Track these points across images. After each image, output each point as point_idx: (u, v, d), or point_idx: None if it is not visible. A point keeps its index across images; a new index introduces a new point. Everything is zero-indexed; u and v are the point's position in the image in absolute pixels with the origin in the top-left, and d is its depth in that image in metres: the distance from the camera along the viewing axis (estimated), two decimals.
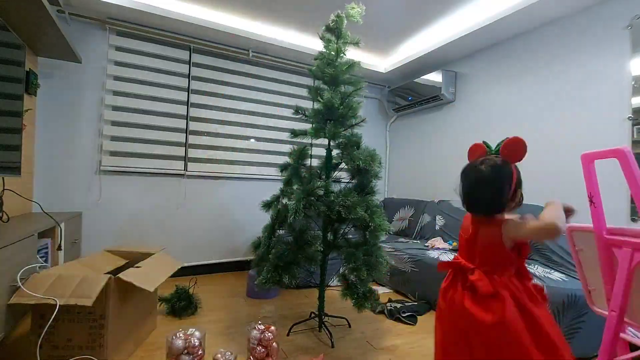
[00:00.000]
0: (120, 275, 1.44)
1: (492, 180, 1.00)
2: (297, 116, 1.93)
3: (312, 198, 1.67)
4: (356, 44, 1.89)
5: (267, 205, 1.96)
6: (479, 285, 0.96)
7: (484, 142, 1.09)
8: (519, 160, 1.01)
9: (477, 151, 1.09)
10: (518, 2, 2.30)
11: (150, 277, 1.57)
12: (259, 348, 1.48)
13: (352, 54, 1.94)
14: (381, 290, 2.64)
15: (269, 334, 1.51)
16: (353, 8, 1.86)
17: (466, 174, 1.07)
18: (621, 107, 2.04)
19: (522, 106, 2.63)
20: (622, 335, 1.06)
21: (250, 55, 3.12)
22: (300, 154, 1.88)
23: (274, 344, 1.52)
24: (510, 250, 0.98)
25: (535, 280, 1.81)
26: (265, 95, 3.27)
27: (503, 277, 0.97)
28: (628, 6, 2.03)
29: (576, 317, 1.65)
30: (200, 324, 1.96)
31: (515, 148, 1.00)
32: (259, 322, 1.57)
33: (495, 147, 1.05)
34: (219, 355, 1.44)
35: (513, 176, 1.00)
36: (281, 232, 1.93)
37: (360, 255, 1.69)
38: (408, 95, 3.55)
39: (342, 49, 1.86)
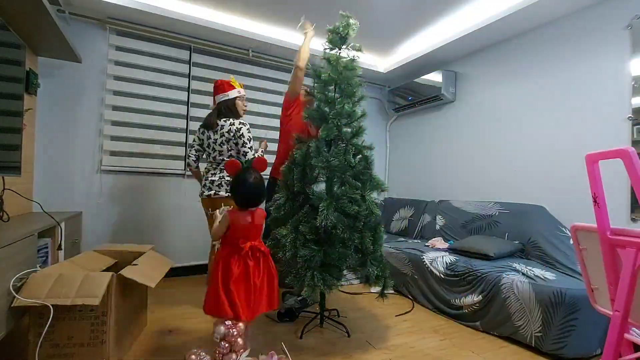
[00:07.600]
0: (122, 272, 1.45)
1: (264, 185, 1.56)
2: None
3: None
4: (359, 50, 1.95)
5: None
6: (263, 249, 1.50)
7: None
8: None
9: (234, 165, 1.50)
10: (518, 2, 2.31)
11: (149, 274, 1.58)
12: (222, 343, 1.43)
13: (352, 54, 1.97)
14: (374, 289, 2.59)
15: (234, 330, 1.47)
16: (349, 18, 1.90)
17: (247, 182, 1.47)
18: (621, 107, 2.05)
19: (522, 106, 2.63)
20: (626, 335, 1.06)
21: (250, 55, 3.12)
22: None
23: (239, 340, 1.45)
24: None
25: (522, 279, 1.84)
26: (266, 95, 3.27)
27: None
28: (628, 6, 2.03)
29: (568, 315, 1.62)
30: (201, 323, 1.96)
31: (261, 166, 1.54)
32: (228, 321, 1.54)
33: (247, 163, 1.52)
34: (193, 357, 1.41)
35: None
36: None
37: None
38: (408, 95, 3.55)
39: (355, 58, 1.96)
